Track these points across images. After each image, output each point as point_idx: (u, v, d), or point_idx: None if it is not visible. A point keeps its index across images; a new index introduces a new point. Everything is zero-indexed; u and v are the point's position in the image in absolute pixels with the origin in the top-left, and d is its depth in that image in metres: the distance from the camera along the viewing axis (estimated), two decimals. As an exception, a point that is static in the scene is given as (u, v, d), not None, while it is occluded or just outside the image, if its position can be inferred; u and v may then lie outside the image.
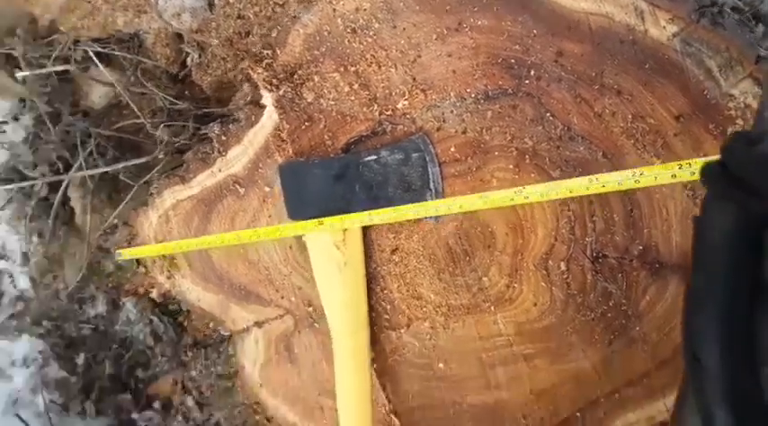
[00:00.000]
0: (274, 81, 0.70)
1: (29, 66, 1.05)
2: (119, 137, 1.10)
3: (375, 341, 0.79)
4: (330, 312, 0.76)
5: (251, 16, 0.91)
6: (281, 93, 0.70)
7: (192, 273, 0.91)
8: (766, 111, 0.49)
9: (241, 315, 0.91)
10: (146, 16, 0.99)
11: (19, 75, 1.02)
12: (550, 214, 0.71)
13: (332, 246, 0.73)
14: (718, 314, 0.49)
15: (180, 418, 1.28)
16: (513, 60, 0.66)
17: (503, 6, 0.65)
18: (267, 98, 0.72)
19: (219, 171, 0.84)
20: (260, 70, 0.69)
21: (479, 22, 0.65)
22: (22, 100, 1.09)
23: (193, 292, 0.92)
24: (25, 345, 1.24)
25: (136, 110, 1.00)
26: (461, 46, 0.66)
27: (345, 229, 0.72)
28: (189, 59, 0.97)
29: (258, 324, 0.91)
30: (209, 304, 0.92)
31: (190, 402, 1.25)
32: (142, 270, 0.93)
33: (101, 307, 1.23)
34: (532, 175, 0.70)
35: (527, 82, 0.67)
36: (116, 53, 1.02)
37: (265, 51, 0.68)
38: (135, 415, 1.27)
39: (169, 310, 1.22)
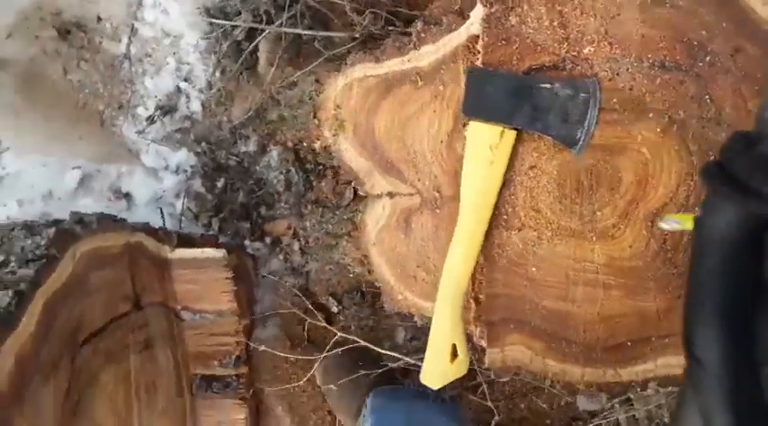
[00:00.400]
0: (491, 0, 0.85)
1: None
2: (317, 11, 1.28)
3: (488, 233, 0.96)
4: (465, 197, 0.93)
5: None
6: (492, 10, 0.85)
7: (354, 137, 1.09)
8: (766, 112, 0.48)
9: (380, 183, 1.10)
10: None
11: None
12: (675, 180, 0.85)
13: (486, 146, 0.89)
14: (718, 314, 0.49)
15: (281, 257, 1.52)
16: (695, 42, 0.78)
17: (706, -4, 0.77)
18: (478, 12, 0.87)
19: (408, 61, 1.00)
20: (484, -14, 0.84)
21: (680, 3, 0.77)
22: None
23: (349, 153, 1.11)
24: (181, 157, 1.49)
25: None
26: (658, 17, 0.79)
27: (503, 135, 0.88)
28: (403, -40, 1.12)
29: (390, 195, 1.10)
30: (357, 166, 1.11)
31: (295, 246, 1.48)
32: (316, 122, 1.12)
33: (251, 147, 1.46)
34: (673, 142, 0.83)
35: (700, 64, 0.79)
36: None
37: (493, -27, 0.83)
38: (247, 242, 1.52)
39: (305, 168, 1.44)
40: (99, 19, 1.41)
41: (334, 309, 1.55)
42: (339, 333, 1.28)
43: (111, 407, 1.13)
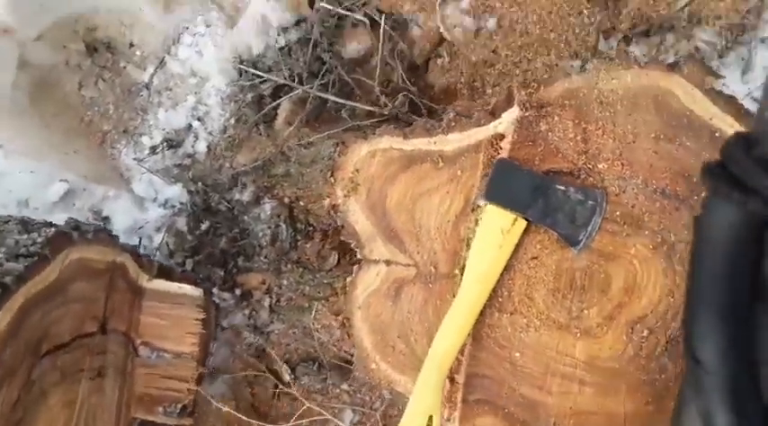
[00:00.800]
0: (527, 105, 0.97)
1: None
2: (345, 83, 1.38)
3: (482, 312, 1.01)
4: (469, 274, 0.99)
5: (502, 55, 1.19)
6: (526, 114, 0.97)
7: (366, 201, 1.14)
8: (766, 113, 0.49)
9: (380, 249, 1.14)
10: (425, 13, 1.28)
11: (318, 5, 1.31)
12: (659, 295, 0.95)
13: (499, 229, 0.97)
14: (718, 314, 0.49)
15: (246, 312, 1.50)
16: (695, 179, 0.92)
17: (709, 143, 0.91)
18: (512, 114, 0.98)
19: (434, 143, 1.09)
20: (523, 93, 0.96)
21: (688, 143, 0.92)
22: (304, 20, 1.38)
23: (356, 215, 1.15)
24: (174, 191, 1.49)
25: (378, 70, 1.27)
26: (667, 151, 0.93)
27: (515, 223, 0.96)
28: (438, 60, 1.25)
29: (387, 262, 1.14)
30: (362, 229, 1.15)
31: (266, 302, 1.47)
32: (332, 180, 1.17)
33: (246, 196, 1.48)
34: (661, 260, 0.94)
35: (696, 198, 0.92)
36: (386, 27, 1.31)
37: (534, 83, 0.96)
38: (215, 290, 1.49)
39: (295, 226, 1.47)
40: (131, 45, 1.46)
41: (287, 377, 1.51)
42: (308, 404, 1.25)
43: (50, 432, 1.04)
